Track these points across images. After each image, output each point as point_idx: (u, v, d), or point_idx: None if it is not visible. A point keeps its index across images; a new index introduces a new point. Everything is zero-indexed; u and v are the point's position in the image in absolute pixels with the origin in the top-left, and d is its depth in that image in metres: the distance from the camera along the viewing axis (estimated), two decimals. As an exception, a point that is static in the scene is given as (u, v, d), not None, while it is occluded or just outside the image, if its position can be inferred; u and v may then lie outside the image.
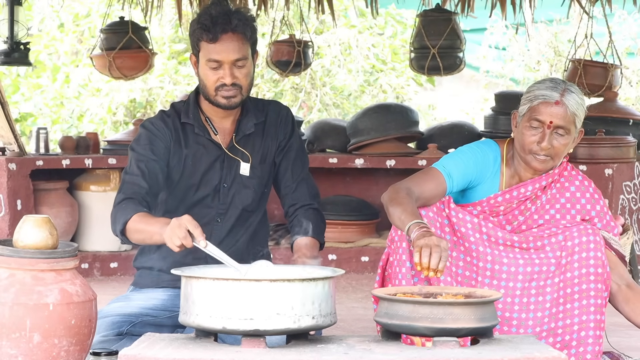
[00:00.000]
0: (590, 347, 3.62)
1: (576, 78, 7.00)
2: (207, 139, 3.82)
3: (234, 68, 3.72)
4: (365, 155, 7.13)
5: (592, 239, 3.66)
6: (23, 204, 6.39)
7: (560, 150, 3.74)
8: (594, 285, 3.63)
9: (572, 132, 3.73)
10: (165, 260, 3.83)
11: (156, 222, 3.50)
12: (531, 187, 3.79)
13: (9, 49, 7.14)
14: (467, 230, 3.71)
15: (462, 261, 3.70)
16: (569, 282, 3.65)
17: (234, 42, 3.71)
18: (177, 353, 2.94)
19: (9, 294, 3.08)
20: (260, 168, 3.86)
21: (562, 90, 3.71)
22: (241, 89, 3.75)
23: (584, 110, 3.76)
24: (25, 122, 11.71)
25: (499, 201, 3.79)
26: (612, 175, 6.38)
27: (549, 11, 10.64)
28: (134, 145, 3.78)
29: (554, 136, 3.71)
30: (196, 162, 3.82)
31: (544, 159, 3.73)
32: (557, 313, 3.65)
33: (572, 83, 3.81)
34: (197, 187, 3.82)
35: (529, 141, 3.73)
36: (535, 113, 3.71)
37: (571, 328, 3.63)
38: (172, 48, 11.90)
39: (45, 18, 12.01)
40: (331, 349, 3.01)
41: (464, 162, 3.79)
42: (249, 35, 3.75)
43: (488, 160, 3.83)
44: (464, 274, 3.69)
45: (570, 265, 3.65)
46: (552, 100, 3.70)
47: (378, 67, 12.03)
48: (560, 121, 3.69)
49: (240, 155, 3.83)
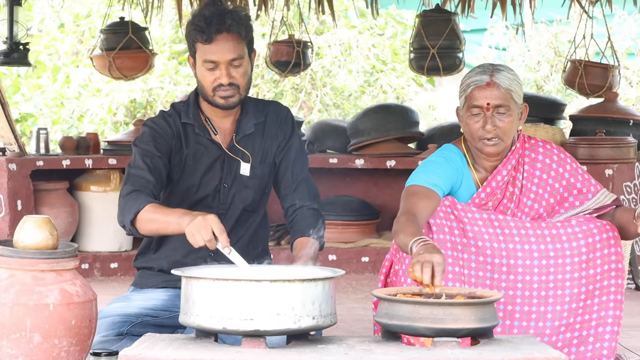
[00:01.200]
0: (607, 343, 3.66)
1: (576, 78, 7.01)
2: (207, 139, 3.83)
3: (230, 68, 3.71)
4: (366, 155, 7.14)
5: (611, 235, 3.69)
6: (23, 204, 6.39)
7: (507, 129, 3.75)
8: (614, 282, 3.66)
9: (513, 109, 3.75)
10: (165, 260, 3.84)
11: (173, 212, 3.49)
12: (505, 171, 3.81)
13: (9, 49, 7.14)
14: (480, 227, 3.70)
15: (475, 262, 3.69)
16: (591, 278, 3.67)
17: (229, 41, 3.71)
18: (177, 353, 2.94)
19: (9, 294, 3.08)
20: (260, 168, 3.86)
21: (491, 72, 3.75)
22: (239, 89, 3.75)
23: (518, 84, 3.79)
24: (25, 123, 11.72)
25: (483, 197, 3.80)
26: (612, 176, 6.38)
27: (549, 11, 10.65)
28: (138, 142, 3.78)
29: (496, 117, 3.74)
30: (196, 162, 3.82)
31: (494, 141, 3.76)
32: (576, 309, 3.67)
33: (500, 64, 3.85)
34: (197, 187, 3.82)
35: (474, 128, 3.76)
36: (471, 100, 3.75)
37: (589, 324, 3.66)
38: (172, 48, 11.91)
39: (45, 18, 12.02)
40: (331, 350, 3.01)
41: (441, 169, 3.80)
42: (244, 34, 3.74)
43: (457, 163, 3.85)
44: (477, 275, 3.68)
45: (593, 262, 3.67)
46: (483, 83, 3.74)
47: (378, 67, 12.04)
48: (497, 100, 3.73)
49: (240, 155, 3.83)
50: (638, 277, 5.96)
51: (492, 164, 3.83)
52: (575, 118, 7.11)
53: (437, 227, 3.66)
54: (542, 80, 11.66)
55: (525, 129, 6.57)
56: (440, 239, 3.64)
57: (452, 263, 3.63)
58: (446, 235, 3.67)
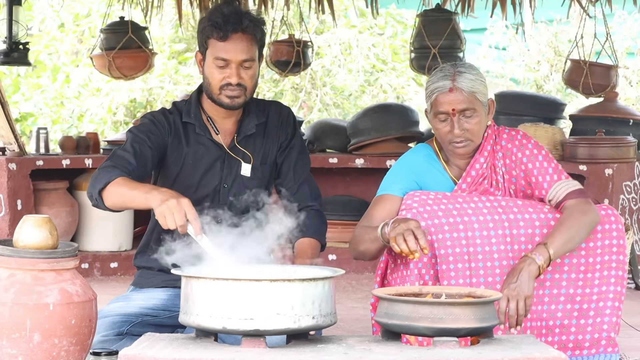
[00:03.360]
0: (607, 318, 3.68)
1: (581, 78, 7.00)
2: (208, 138, 3.82)
3: (240, 68, 3.72)
4: (366, 155, 7.14)
5: (611, 213, 3.71)
6: (23, 204, 6.39)
7: (475, 130, 3.77)
8: (615, 257, 3.69)
9: (479, 109, 3.76)
10: (165, 259, 3.84)
11: (141, 186, 3.44)
12: (482, 158, 3.82)
13: (8, 48, 7.14)
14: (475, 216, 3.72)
15: (481, 253, 3.69)
16: (591, 251, 3.70)
17: (243, 42, 3.71)
18: (177, 353, 2.94)
19: (9, 294, 3.08)
20: (261, 169, 3.85)
21: (453, 75, 3.75)
22: (245, 90, 3.75)
23: (482, 82, 3.79)
24: (25, 122, 11.72)
25: (465, 188, 3.83)
26: (612, 175, 6.38)
27: (549, 11, 10.65)
28: (133, 129, 3.80)
29: (463, 120, 3.76)
30: (196, 161, 3.81)
31: (464, 144, 3.78)
32: (576, 280, 3.69)
33: (463, 62, 3.88)
34: (196, 187, 3.82)
35: (443, 133, 3.78)
36: (436, 107, 3.76)
37: (590, 297, 3.67)
38: (172, 48, 11.91)
39: (45, 18, 12.03)
40: (331, 349, 3.01)
41: (398, 170, 3.86)
42: (259, 37, 3.76)
43: (417, 162, 3.88)
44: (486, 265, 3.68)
45: (593, 234, 3.69)
46: (446, 89, 3.74)
47: (378, 67, 12.04)
48: (461, 105, 3.74)
49: (241, 155, 3.83)
50: (638, 277, 5.96)
51: (466, 161, 3.85)
52: (575, 118, 7.11)
53: (414, 215, 3.65)
54: (542, 80, 11.67)
55: (525, 129, 6.57)
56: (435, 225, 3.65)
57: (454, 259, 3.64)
58: (438, 222, 3.66)
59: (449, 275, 3.60)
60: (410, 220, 3.48)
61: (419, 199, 3.69)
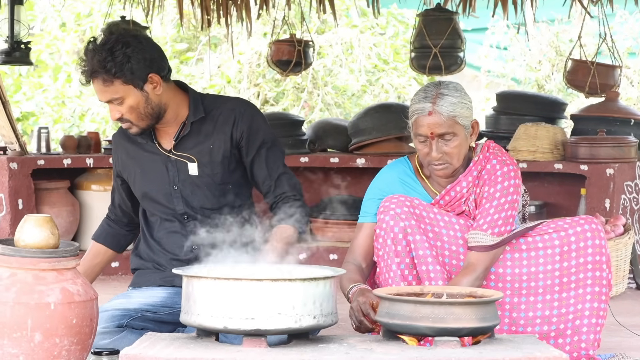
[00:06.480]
0: (585, 336, 3.66)
1: (588, 77, 6.99)
2: (151, 144, 3.85)
3: (115, 105, 3.74)
4: (367, 154, 7.13)
5: (587, 228, 3.69)
6: (24, 203, 6.39)
7: (454, 153, 3.73)
8: (591, 274, 3.66)
9: (459, 132, 3.71)
10: (161, 258, 3.86)
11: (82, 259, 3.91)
12: (465, 182, 3.79)
13: (10, 48, 7.14)
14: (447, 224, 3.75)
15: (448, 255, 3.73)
16: (565, 271, 3.67)
17: (98, 84, 3.72)
18: (178, 352, 2.94)
19: (10, 293, 3.08)
20: (210, 166, 3.83)
21: (434, 98, 3.69)
22: (133, 122, 3.76)
23: (464, 105, 3.72)
24: (26, 122, 11.71)
25: (441, 204, 3.80)
26: (613, 175, 6.38)
27: (550, 11, 10.64)
28: (112, 160, 4.04)
29: (442, 143, 3.71)
30: (144, 169, 3.87)
31: (443, 166, 3.75)
32: (551, 301, 3.68)
33: (448, 82, 3.78)
34: (150, 192, 3.87)
35: (422, 153, 3.76)
36: (416, 129, 3.73)
37: (566, 317, 3.66)
38: (173, 47, 11.91)
39: (47, 17, 12.02)
40: (332, 349, 3.01)
41: (372, 193, 3.86)
42: (124, 78, 3.68)
43: (392, 181, 3.86)
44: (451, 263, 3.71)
45: (567, 254, 3.67)
46: (425, 112, 3.69)
47: (380, 66, 12.03)
48: (440, 129, 3.69)
49: (185, 156, 3.84)
50: (639, 277, 5.95)
51: (448, 181, 3.82)
52: (577, 117, 7.10)
53: (412, 229, 3.67)
54: (543, 80, 11.66)
55: (527, 128, 6.57)
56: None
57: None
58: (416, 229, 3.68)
59: (429, 277, 3.61)
60: (359, 297, 3.51)
61: (397, 201, 3.69)
